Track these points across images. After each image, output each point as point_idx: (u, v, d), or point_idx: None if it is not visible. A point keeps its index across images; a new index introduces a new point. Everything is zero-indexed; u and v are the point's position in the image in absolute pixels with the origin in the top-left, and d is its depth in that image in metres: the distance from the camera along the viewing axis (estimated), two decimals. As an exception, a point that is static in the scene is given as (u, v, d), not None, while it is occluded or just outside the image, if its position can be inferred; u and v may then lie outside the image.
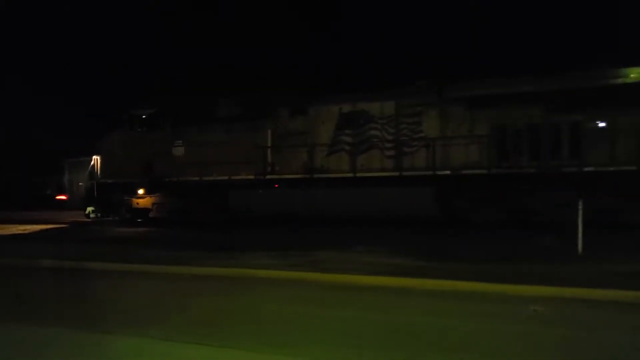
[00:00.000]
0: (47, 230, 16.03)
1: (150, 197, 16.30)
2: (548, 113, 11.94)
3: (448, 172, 12.73)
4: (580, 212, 8.49)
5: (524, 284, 6.44)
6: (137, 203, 16.46)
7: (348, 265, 8.10)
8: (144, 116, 16.26)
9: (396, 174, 13.21)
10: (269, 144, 14.66)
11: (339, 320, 5.35)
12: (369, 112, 13.79)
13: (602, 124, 11.64)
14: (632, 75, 11.45)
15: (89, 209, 17.12)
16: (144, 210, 16.42)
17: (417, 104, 13.33)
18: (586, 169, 11.50)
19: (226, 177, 14.82)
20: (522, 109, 12.17)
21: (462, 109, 12.81)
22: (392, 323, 5.20)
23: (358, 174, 13.63)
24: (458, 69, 21.47)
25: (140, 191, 16.34)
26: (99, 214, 17.11)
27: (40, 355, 4.53)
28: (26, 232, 15.44)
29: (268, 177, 14.65)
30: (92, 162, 17.04)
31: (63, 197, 19.52)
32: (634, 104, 11.17)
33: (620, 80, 11.47)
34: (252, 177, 14.63)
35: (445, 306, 5.88)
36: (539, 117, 12.02)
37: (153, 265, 8.70)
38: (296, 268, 7.91)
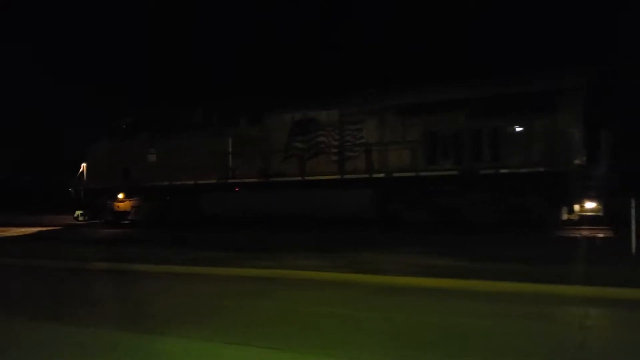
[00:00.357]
0: (43, 232, 17.70)
1: (129, 200, 17.83)
2: (470, 119, 12.87)
3: (383, 175, 13.78)
4: (633, 212, 8.46)
5: (580, 285, 6.27)
6: (118, 206, 18.02)
7: (391, 266, 8.00)
8: (123, 126, 17.82)
9: (339, 177, 14.32)
10: (230, 151, 15.97)
11: (388, 321, 5.28)
12: (317, 120, 14.94)
13: (519, 129, 12.50)
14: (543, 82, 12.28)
15: (77, 212, 18.77)
16: (125, 213, 17.96)
17: (359, 112, 14.42)
18: (502, 170, 12.40)
19: (192, 182, 16.22)
20: (449, 115, 13.14)
21: (398, 116, 13.83)
22: (447, 325, 5.05)
23: (306, 177, 14.79)
24: (399, 77, 22.40)
25: (120, 195, 17.90)
26: (86, 217, 18.75)
27: (91, 355, 4.55)
28: (24, 234, 17.10)
29: (230, 181, 15.96)
30: (80, 169, 18.71)
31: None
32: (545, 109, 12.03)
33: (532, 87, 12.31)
34: (215, 181, 15.97)
35: (498, 308, 5.69)
36: (462, 123, 12.96)
37: (193, 266, 8.86)
38: (340, 269, 7.86)
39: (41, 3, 47.94)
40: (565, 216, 12.21)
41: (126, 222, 17.97)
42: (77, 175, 18.78)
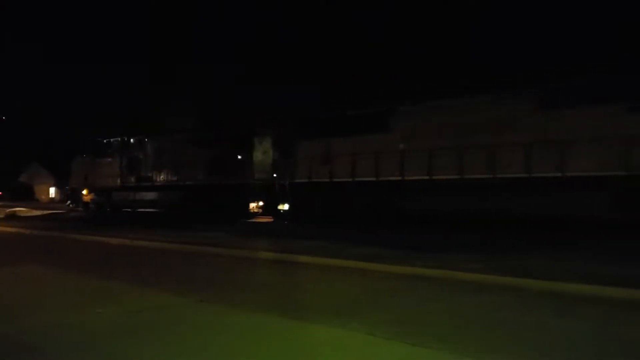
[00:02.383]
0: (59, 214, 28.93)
1: (89, 195, 28.43)
2: (220, 150, 20.89)
3: (190, 182, 22.26)
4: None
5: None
6: (85, 199, 28.73)
7: (564, 273, 7.42)
8: (84, 155, 28.46)
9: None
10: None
11: (556, 330, 5.07)
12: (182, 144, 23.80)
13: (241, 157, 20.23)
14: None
15: (68, 201, 30.00)
16: (87, 202, 28.63)
17: (188, 142, 23.00)
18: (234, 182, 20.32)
19: (110, 184, 26.18)
20: (218, 148, 21.20)
21: (195, 146, 22.20)
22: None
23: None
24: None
25: (84, 192, 28.54)
26: (72, 205, 29.82)
27: (246, 339, 4.86)
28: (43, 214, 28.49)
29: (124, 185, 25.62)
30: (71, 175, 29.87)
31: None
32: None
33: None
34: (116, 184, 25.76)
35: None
36: (220, 153, 20.92)
37: (350, 260, 9.10)
38: (505, 273, 7.49)
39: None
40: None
41: (90, 207, 28.62)
42: (69, 179, 29.94)
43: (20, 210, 29.67)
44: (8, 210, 28.25)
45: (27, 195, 36.85)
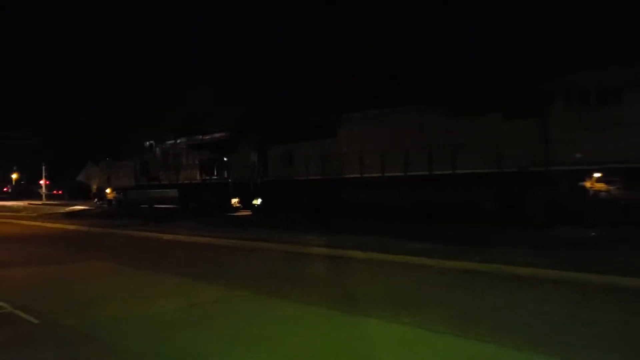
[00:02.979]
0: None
1: (112, 193, 32.63)
2: (209, 154, 24.31)
3: (187, 182, 25.84)
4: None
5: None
6: (108, 196, 32.96)
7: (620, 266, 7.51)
8: (107, 159, 32.66)
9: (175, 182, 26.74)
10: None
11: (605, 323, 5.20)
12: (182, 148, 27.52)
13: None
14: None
15: (96, 200, 34.37)
16: (111, 200, 32.82)
17: (186, 147, 26.61)
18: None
19: (127, 184, 30.17)
20: (208, 151, 24.65)
21: (191, 150, 25.72)
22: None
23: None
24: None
25: (108, 190, 32.76)
26: (99, 202, 34.13)
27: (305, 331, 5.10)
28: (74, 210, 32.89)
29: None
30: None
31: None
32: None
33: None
34: (132, 184, 29.71)
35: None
36: (210, 156, 24.37)
37: (399, 255, 9.44)
38: (562, 267, 7.60)
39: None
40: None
41: (113, 204, 32.83)
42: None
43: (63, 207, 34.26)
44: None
45: (84, 194, 40.41)
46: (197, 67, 60.03)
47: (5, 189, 70.76)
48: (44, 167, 52.92)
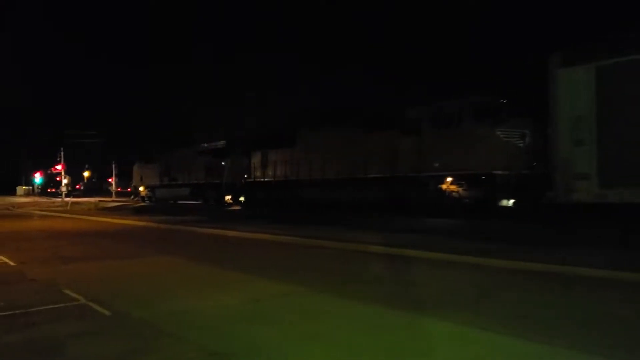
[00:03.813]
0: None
1: (145, 191, 39.08)
2: (212, 159, 29.80)
3: (195, 182, 31.53)
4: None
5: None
6: (142, 193, 39.45)
7: None
8: (140, 161, 39.13)
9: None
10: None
11: None
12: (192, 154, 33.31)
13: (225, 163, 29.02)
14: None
15: (132, 196, 41.10)
16: (144, 196, 39.26)
17: (195, 152, 32.34)
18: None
19: (154, 183, 36.43)
20: (211, 157, 30.15)
21: (198, 155, 31.36)
22: None
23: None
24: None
25: (141, 188, 39.28)
26: (135, 198, 40.74)
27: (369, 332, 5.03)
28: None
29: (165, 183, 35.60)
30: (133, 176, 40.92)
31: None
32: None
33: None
34: (158, 183, 35.86)
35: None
36: (211, 160, 29.89)
37: (460, 255, 9.16)
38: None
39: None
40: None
41: (145, 200, 39.25)
42: (132, 179, 41.07)
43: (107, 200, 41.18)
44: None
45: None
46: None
47: (77, 187, 76.34)
48: (114, 166, 56.33)
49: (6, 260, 10.15)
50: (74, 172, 70.71)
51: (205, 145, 31.14)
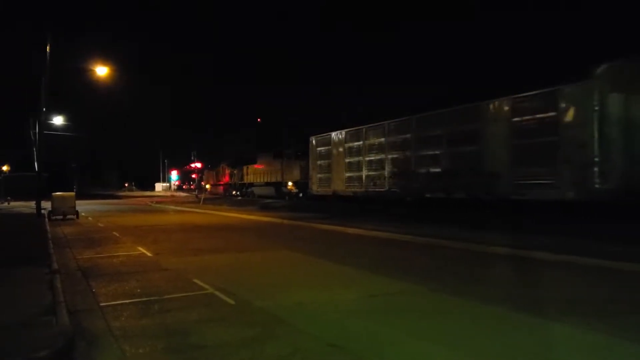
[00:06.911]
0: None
1: (209, 186, 41.22)
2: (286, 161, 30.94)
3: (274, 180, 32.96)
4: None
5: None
6: (207, 189, 41.78)
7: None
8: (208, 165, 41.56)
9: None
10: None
11: None
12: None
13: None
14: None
15: (195, 192, 43.64)
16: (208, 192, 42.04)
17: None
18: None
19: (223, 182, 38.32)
20: (286, 159, 31.16)
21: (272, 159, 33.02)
22: None
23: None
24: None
25: (207, 186, 41.56)
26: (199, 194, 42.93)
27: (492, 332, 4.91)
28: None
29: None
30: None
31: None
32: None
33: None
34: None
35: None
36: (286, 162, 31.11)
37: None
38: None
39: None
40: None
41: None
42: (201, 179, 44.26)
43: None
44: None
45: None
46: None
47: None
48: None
49: (144, 251, 10.93)
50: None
51: (281, 150, 32.87)
